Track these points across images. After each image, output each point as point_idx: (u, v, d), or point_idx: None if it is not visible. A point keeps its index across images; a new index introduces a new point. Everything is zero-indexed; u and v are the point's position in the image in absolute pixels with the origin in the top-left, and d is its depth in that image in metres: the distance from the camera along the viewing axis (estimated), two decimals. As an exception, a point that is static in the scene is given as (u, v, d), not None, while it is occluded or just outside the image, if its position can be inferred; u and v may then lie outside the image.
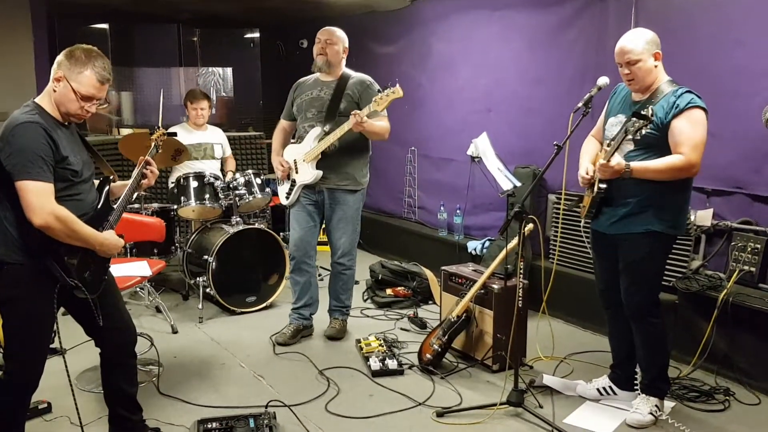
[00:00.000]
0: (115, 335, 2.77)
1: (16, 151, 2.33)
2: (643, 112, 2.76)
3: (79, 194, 2.53)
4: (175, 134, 4.63)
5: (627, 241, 3.06)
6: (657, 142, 2.92)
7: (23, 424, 2.64)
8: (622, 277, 3.13)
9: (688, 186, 3.03)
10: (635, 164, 2.89)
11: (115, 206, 2.70)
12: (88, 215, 2.54)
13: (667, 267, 3.86)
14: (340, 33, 4.05)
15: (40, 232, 2.36)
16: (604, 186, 3.03)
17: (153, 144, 3.12)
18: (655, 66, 2.96)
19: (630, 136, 2.87)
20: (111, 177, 2.77)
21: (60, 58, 2.48)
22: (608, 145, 2.98)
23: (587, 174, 3.12)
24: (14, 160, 2.33)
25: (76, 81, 2.46)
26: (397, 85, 3.71)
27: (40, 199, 2.33)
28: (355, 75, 4.09)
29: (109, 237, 2.57)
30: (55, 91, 2.48)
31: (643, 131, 2.84)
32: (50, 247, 2.41)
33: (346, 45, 4.07)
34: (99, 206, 2.63)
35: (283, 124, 4.31)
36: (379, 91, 3.82)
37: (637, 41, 2.93)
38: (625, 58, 2.93)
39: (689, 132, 2.84)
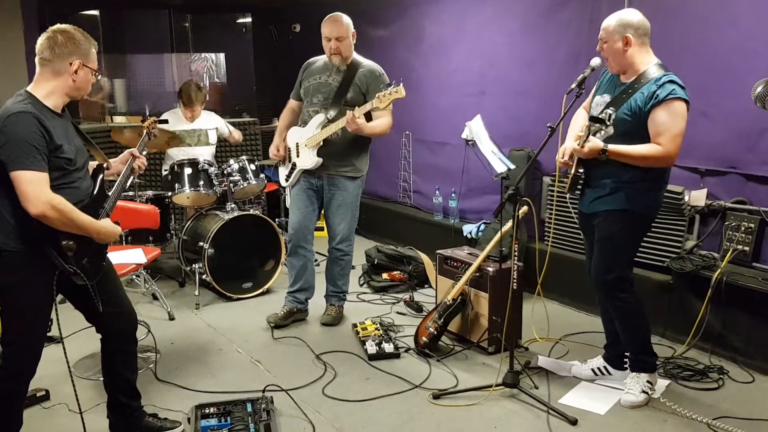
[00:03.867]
0: (115, 321, 2.78)
1: (9, 141, 2.32)
2: (600, 116, 2.86)
3: (74, 182, 2.52)
4: (166, 121, 4.62)
5: (600, 218, 3.12)
6: (635, 130, 2.93)
7: (20, 411, 2.65)
8: (594, 254, 3.18)
9: (665, 171, 3.05)
10: (612, 147, 2.91)
11: (109, 193, 2.71)
12: (83, 203, 2.54)
13: (661, 247, 3.90)
14: (346, 21, 3.93)
15: (38, 220, 2.36)
16: (581, 171, 3.09)
17: (145, 132, 3.13)
18: (625, 50, 2.94)
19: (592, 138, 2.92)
20: (105, 164, 2.77)
21: (63, 49, 2.46)
22: (582, 130, 3.00)
23: (563, 157, 3.14)
24: (8, 150, 2.32)
25: (91, 61, 2.54)
26: (401, 84, 3.65)
27: (35, 188, 2.32)
28: (366, 63, 4.02)
29: (106, 225, 2.58)
30: (75, 81, 2.50)
31: (610, 110, 2.87)
32: (48, 234, 2.41)
33: (353, 29, 3.98)
34: (94, 193, 2.63)
35: (291, 104, 4.27)
36: (388, 85, 3.74)
37: (612, 20, 2.97)
38: (599, 34, 3.00)
39: (668, 123, 2.85)
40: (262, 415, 2.96)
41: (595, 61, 3.10)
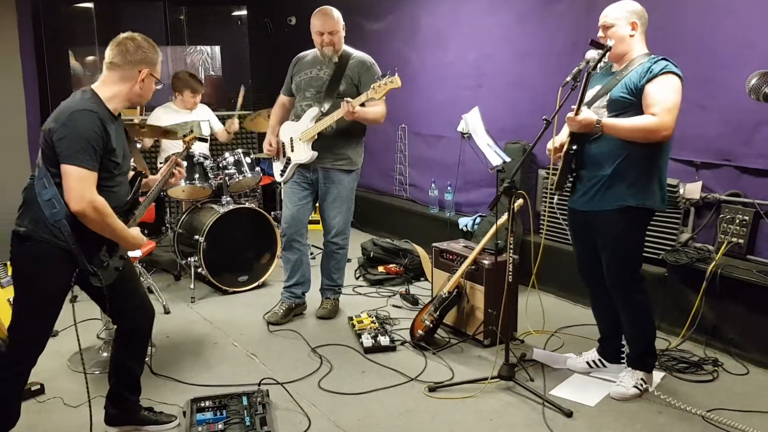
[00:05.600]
0: (134, 316, 2.82)
1: (69, 135, 2.37)
2: (601, 42, 2.83)
3: (115, 186, 2.57)
4: (206, 139, 4.67)
5: (601, 219, 3.06)
6: (631, 107, 2.91)
7: (19, 400, 2.66)
8: (602, 255, 3.14)
9: (660, 156, 2.98)
10: (606, 120, 2.89)
11: (141, 201, 2.76)
12: (119, 207, 2.57)
13: (656, 240, 3.91)
14: (337, 14, 3.95)
15: (72, 217, 2.40)
16: (575, 147, 3.03)
17: (185, 147, 3.29)
18: (631, 35, 2.97)
19: (591, 72, 2.91)
20: (143, 172, 2.82)
21: (134, 57, 2.53)
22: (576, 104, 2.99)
23: (553, 144, 3.13)
24: (66, 144, 2.37)
25: (157, 70, 2.64)
26: (396, 74, 3.65)
27: (82, 185, 2.37)
28: (356, 54, 4.02)
29: (135, 234, 2.62)
30: (141, 88, 2.58)
31: (601, 64, 2.86)
32: (78, 231, 2.45)
33: (343, 22, 4.00)
34: (129, 199, 2.68)
35: (282, 99, 4.27)
36: (382, 76, 3.74)
37: (618, 7, 2.98)
38: (602, 21, 2.99)
39: (662, 95, 2.84)
40: (257, 408, 2.96)
41: (591, 54, 3.08)
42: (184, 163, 3.06)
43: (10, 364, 2.58)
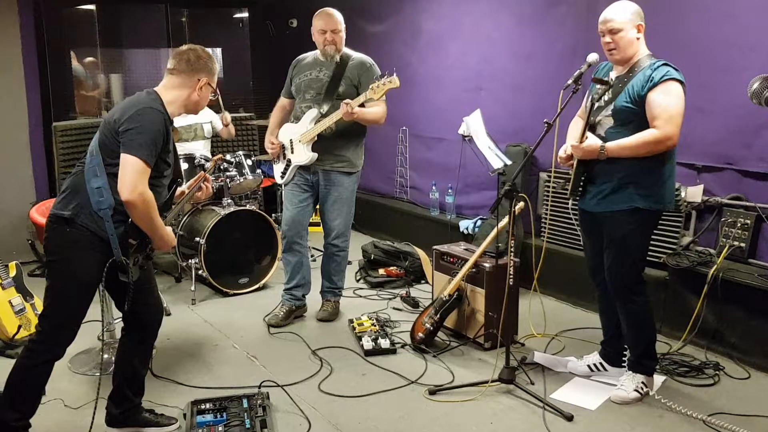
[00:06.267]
0: (144, 313, 2.85)
1: (138, 128, 2.49)
2: (604, 78, 2.79)
3: (159, 186, 2.67)
4: (231, 162, 4.80)
5: (611, 219, 3.07)
6: (635, 117, 2.92)
7: (43, 386, 2.69)
8: (606, 255, 3.15)
9: (669, 159, 3.00)
10: (610, 144, 2.90)
11: (173, 206, 2.89)
12: (157, 207, 2.63)
13: (657, 243, 3.90)
14: (338, 16, 3.98)
15: (117, 208, 2.52)
16: (583, 170, 3.07)
17: (214, 164, 3.57)
18: (637, 38, 2.97)
19: (597, 104, 2.89)
20: (180, 180, 2.91)
21: (196, 65, 2.71)
22: (579, 131, 3.00)
23: (565, 152, 3.13)
24: (133, 135, 2.48)
25: (213, 79, 2.79)
26: (395, 74, 3.66)
27: (138, 176, 2.47)
28: (356, 56, 4.03)
29: (170, 232, 2.72)
30: (198, 96, 2.74)
31: (606, 97, 2.84)
32: (118, 224, 2.55)
33: (344, 24, 4.02)
34: (167, 202, 2.78)
35: (282, 101, 4.28)
36: (381, 76, 3.75)
37: (621, 10, 2.96)
38: (608, 26, 2.95)
39: (664, 104, 2.84)
40: (258, 410, 2.96)
41: (592, 57, 3.08)
42: (212, 178, 3.20)
43: (40, 350, 2.61)
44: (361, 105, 3.80)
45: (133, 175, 2.46)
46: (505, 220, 3.46)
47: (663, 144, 2.87)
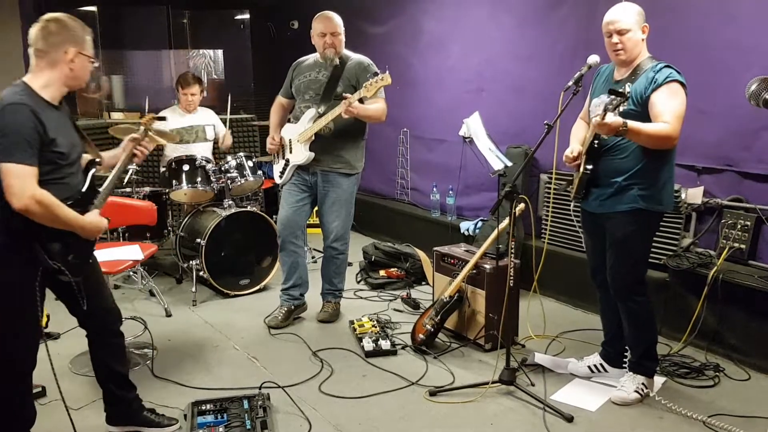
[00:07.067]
0: (98, 317, 2.76)
1: (1, 132, 2.28)
2: (619, 90, 2.78)
3: (64, 178, 2.48)
4: (164, 118, 4.61)
5: (613, 220, 3.08)
6: (639, 118, 2.91)
7: (31, 400, 2.64)
8: (608, 256, 3.15)
9: (669, 161, 3.02)
10: (632, 123, 2.84)
11: (100, 189, 2.65)
12: (72, 198, 2.49)
13: (657, 245, 3.90)
14: (338, 19, 4.00)
15: (22, 215, 2.32)
16: (590, 167, 3.06)
17: (142, 128, 3.09)
18: (642, 39, 2.97)
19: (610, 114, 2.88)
20: (98, 160, 2.73)
21: (57, 38, 2.41)
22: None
23: (572, 153, 3.13)
24: (0, 141, 2.28)
25: (86, 49, 2.49)
26: (387, 72, 3.68)
27: (21, 182, 2.28)
28: (354, 57, 4.05)
29: (92, 219, 2.52)
30: (72, 70, 2.46)
31: (621, 108, 2.83)
32: (33, 230, 2.36)
33: (343, 27, 4.03)
34: (84, 190, 2.58)
35: (280, 100, 4.29)
36: (375, 74, 3.77)
37: (627, 12, 2.95)
38: (616, 26, 2.94)
39: (670, 103, 2.85)
40: (258, 411, 2.96)
41: (593, 58, 3.09)
42: (150, 146, 2.89)
43: (9, 378, 2.53)
44: (360, 102, 3.81)
45: (15, 181, 2.26)
46: (506, 221, 3.47)
47: (671, 141, 2.87)
